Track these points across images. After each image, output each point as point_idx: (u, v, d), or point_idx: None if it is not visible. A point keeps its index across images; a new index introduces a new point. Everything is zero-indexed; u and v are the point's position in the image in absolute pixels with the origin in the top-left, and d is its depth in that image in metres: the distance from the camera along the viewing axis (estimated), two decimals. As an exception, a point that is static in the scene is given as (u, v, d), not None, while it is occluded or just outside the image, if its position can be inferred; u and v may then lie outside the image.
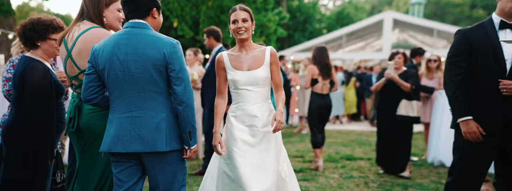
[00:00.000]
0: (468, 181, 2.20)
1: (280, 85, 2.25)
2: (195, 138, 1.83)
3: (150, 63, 1.74)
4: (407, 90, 4.00)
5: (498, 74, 2.10)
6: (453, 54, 2.23)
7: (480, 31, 2.16)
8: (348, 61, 13.97)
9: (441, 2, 32.12)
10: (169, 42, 1.78)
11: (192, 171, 4.37)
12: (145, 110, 1.78)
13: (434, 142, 4.78)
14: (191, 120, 1.79)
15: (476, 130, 2.13)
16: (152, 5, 1.84)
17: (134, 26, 1.81)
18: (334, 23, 23.12)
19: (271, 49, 2.23)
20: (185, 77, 1.78)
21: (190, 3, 11.65)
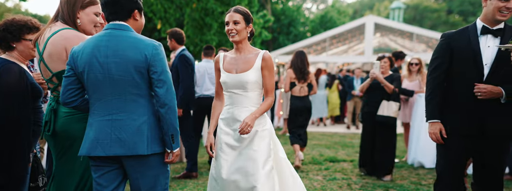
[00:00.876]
0: (448, 181, 2.26)
1: (269, 90, 2.19)
2: (177, 141, 1.81)
3: (131, 65, 1.72)
4: (390, 92, 4.10)
5: (476, 79, 2.15)
6: (435, 57, 2.30)
7: (463, 35, 2.22)
8: (331, 64, 14.16)
9: (420, 7, 33.06)
10: (151, 44, 1.75)
11: (175, 174, 4.33)
12: (126, 113, 1.75)
13: (414, 143, 4.90)
14: (173, 123, 1.76)
15: (438, 132, 2.22)
16: (133, 7, 1.82)
17: (115, 28, 1.78)
18: (317, 27, 23.43)
19: (265, 53, 2.18)
20: (167, 79, 1.75)
21: (174, 5, 11.57)
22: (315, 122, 9.88)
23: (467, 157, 2.27)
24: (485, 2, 2.16)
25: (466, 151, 2.24)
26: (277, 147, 2.28)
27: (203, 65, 4.72)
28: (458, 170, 2.25)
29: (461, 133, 2.21)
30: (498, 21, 2.15)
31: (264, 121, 2.21)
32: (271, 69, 2.18)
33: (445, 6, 33.56)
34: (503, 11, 2.10)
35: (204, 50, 4.85)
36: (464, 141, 2.22)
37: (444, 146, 2.28)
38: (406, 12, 28.89)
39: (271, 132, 2.24)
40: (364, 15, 30.71)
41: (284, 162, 2.27)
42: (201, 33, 11.56)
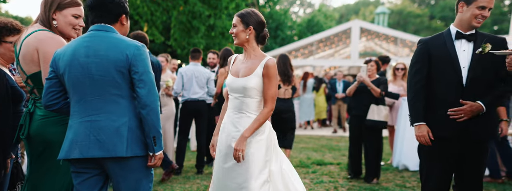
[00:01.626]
0: (433, 185, 2.30)
1: (267, 100, 2.07)
2: (160, 144, 1.76)
3: (112, 65, 1.70)
4: (377, 95, 4.15)
5: (455, 82, 2.21)
6: (415, 62, 2.35)
7: (438, 40, 2.30)
8: (318, 68, 14.29)
9: (404, 13, 33.82)
10: (133, 44, 1.74)
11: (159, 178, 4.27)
12: (105, 114, 1.71)
13: (398, 146, 4.99)
14: (155, 125, 1.72)
15: (426, 134, 2.25)
16: (121, 11, 1.81)
17: (98, 29, 1.77)
18: (305, 30, 23.64)
19: (268, 60, 2.07)
20: (149, 80, 1.72)
21: (161, 8, 11.48)
22: (303, 125, 9.94)
23: (449, 160, 2.31)
24: (461, 8, 2.24)
25: (448, 154, 2.28)
26: (279, 158, 2.16)
27: (190, 69, 4.69)
28: (443, 174, 2.29)
29: (443, 136, 2.25)
30: (473, 27, 2.25)
31: (260, 130, 2.11)
32: (271, 77, 2.06)
33: (427, 11, 34.41)
34: (479, 18, 2.21)
35: (191, 53, 4.82)
36: (446, 144, 2.26)
37: (427, 150, 2.31)
38: (390, 17, 29.48)
39: (268, 142, 2.12)
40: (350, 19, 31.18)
41: (287, 174, 2.13)
42: (188, 36, 11.49)
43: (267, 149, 2.10)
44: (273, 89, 2.07)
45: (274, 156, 2.13)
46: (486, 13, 2.19)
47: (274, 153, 2.15)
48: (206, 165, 5.03)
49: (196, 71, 4.68)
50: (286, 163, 2.18)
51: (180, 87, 4.67)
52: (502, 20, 30.21)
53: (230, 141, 2.10)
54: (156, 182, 4.14)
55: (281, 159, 2.16)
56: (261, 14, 2.14)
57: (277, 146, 2.20)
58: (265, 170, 2.07)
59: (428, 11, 34.55)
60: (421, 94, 2.29)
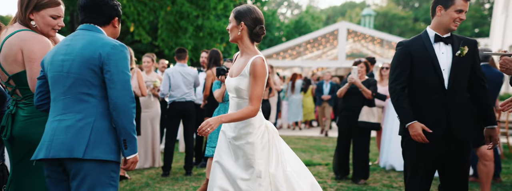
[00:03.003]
0: (417, 186, 2.33)
1: (252, 99, 1.98)
2: (133, 147, 1.68)
3: (85, 63, 1.66)
4: (368, 97, 4.20)
5: (437, 84, 2.25)
6: (397, 65, 2.36)
7: (418, 43, 2.32)
8: (306, 69, 14.38)
9: (389, 15, 34.41)
10: (109, 43, 1.69)
11: (150, 180, 4.22)
12: (72, 113, 1.66)
13: (385, 147, 5.06)
14: (126, 127, 1.65)
15: (421, 131, 2.25)
16: (114, 14, 1.80)
17: (84, 28, 1.76)
18: (292, 32, 23.78)
19: (255, 58, 1.98)
20: (120, 80, 1.66)
21: (148, 8, 11.35)
22: (291, 126, 9.98)
23: (433, 161, 2.34)
24: (439, 12, 2.28)
25: (431, 155, 2.31)
26: (282, 160, 2.05)
27: (177, 69, 4.65)
28: (426, 174, 2.33)
29: (430, 138, 2.27)
30: (451, 30, 2.31)
31: (248, 132, 2.03)
32: (257, 76, 1.97)
33: (412, 14, 35.10)
34: (457, 22, 2.27)
35: (177, 53, 4.75)
36: (430, 145, 2.29)
37: (411, 151, 2.34)
38: (376, 19, 29.93)
39: (256, 145, 2.02)
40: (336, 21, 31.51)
41: (293, 177, 2.04)
42: (176, 36, 11.39)
43: (259, 153, 2.01)
44: (258, 89, 1.98)
45: (274, 159, 2.04)
46: (463, 16, 2.26)
47: (274, 156, 2.05)
48: (195, 166, 5.00)
49: (183, 72, 4.64)
50: (293, 165, 2.10)
51: (167, 88, 4.63)
52: (482, 23, 31.09)
53: (227, 142, 2.08)
54: (144, 183, 4.09)
55: (287, 162, 2.08)
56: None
57: (280, 149, 2.09)
58: (257, 179, 1.99)
59: (412, 14, 35.25)
60: (404, 96, 2.30)
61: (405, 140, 2.38)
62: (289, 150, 2.18)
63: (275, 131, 2.13)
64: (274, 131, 2.12)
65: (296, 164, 2.13)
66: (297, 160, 2.17)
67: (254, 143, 2.02)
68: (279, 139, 2.13)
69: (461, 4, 2.23)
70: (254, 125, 2.04)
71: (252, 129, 2.03)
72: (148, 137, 4.86)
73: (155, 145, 4.95)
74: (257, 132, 2.04)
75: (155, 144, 4.95)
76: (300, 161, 2.19)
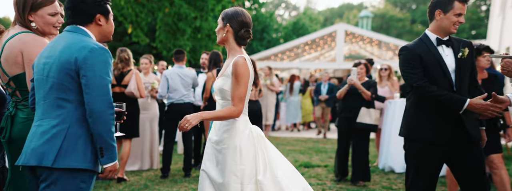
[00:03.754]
0: (418, 187, 2.32)
1: (233, 99, 1.93)
2: (110, 156, 1.61)
3: (63, 67, 1.61)
4: (368, 99, 4.20)
5: (447, 86, 2.25)
6: (411, 67, 2.26)
7: (421, 46, 2.30)
8: (304, 70, 14.41)
9: (386, 17, 34.55)
10: (87, 47, 1.61)
11: (149, 182, 4.19)
12: (48, 119, 1.62)
13: (384, 148, 5.06)
14: (102, 134, 1.58)
15: (487, 102, 2.11)
16: (95, 11, 1.70)
17: (68, 30, 1.72)
18: (290, 33, 23.80)
19: (236, 58, 1.96)
20: (98, 86, 1.58)
21: (146, 9, 11.33)
22: (289, 128, 9.98)
23: (438, 163, 2.33)
24: (438, 16, 2.29)
25: (437, 157, 2.30)
26: (271, 166, 1.98)
27: (175, 71, 4.64)
28: (431, 177, 2.31)
29: (438, 141, 2.26)
30: (451, 33, 2.33)
31: (230, 136, 1.97)
32: (238, 76, 1.93)
33: (409, 16, 35.27)
34: (456, 25, 2.30)
35: (175, 55, 4.73)
36: (437, 148, 2.27)
37: (415, 153, 2.32)
38: (373, 21, 30.03)
39: (238, 150, 1.94)
40: (334, 23, 31.59)
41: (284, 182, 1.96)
42: (174, 38, 11.38)
43: (241, 156, 1.94)
44: (240, 89, 1.92)
45: (261, 164, 1.96)
46: (462, 19, 2.28)
47: (260, 161, 1.97)
48: (194, 168, 4.98)
49: (181, 73, 4.62)
50: (284, 170, 2.02)
51: (165, 90, 4.61)
52: (479, 25, 31.27)
53: (211, 148, 2.04)
54: (143, 185, 4.07)
55: (277, 167, 2.00)
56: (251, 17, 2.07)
57: (268, 154, 2.01)
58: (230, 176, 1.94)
59: (409, 16, 35.42)
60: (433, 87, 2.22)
61: (409, 141, 2.37)
62: (279, 154, 2.09)
63: (261, 135, 2.05)
64: (260, 136, 2.04)
65: (288, 168, 2.05)
66: (288, 164, 2.08)
67: (236, 147, 1.94)
68: (267, 144, 2.05)
69: (460, 7, 2.25)
70: (237, 128, 1.97)
71: (235, 133, 1.97)
72: (147, 139, 4.84)
73: (154, 147, 4.93)
74: (241, 136, 1.97)
75: (154, 146, 4.92)
76: (291, 165, 2.11)
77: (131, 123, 4.27)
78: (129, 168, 4.77)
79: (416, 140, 2.33)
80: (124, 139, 4.31)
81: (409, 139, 2.37)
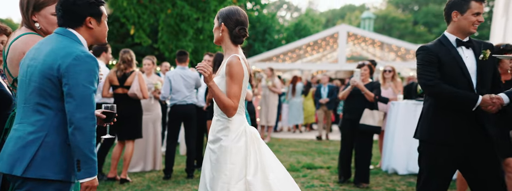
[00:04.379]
0: (433, 189, 2.28)
1: (229, 97, 1.94)
2: (88, 170, 1.51)
3: (45, 73, 1.55)
4: (371, 100, 4.18)
5: (466, 88, 2.21)
6: (428, 64, 2.24)
7: (441, 47, 2.27)
8: (306, 72, 14.39)
9: (388, 18, 34.50)
10: (72, 53, 1.54)
11: (152, 183, 4.19)
12: (25, 124, 1.56)
13: (388, 150, 5.03)
14: (80, 147, 1.49)
15: (494, 100, 2.12)
16: (86, 13, 1.63)
17: (57, 32, 1.65)
18: (292, 34, 23.79)
19: (230, 57, 1.95)
20: (80, 95, 1.51)
21: (148, 11, 11.36)
22: (291, 129, 9.96)
23: (452, 166, 2.28)
24: (455, 17, 2.26)
25: (454, 160, 2.25)
26: (263, 167, 1.96)
27: (177, 72, 4.64)
28: (444, 179, 2.27)
29: (454, 142, 2.22)
30: (471, 34, 2.30)
31: (223, 135, 1.96)
32: (232, 75, 1.92)
33: (411, 17, 35.21)
34: (476, 24, 2.26)
35: (178, 56, 4.74)
36: (453, 149, 2.24)
37: (430, 155, 2.28)
38: (375, 22, 30.00)
39: (228, 149, 1.93)
40: (336, 24, 31.57)
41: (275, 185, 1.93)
42: (177, 39, 11.39)
43: (232, 155, 1.93)
44: (234, 88, 1.92)
45: (252, 165, 1.94)
46: (481, 18, 2.25)
47: (252, 161, 1.95)
48: (196, 169, 4.97)
49: (184, 75, 4.62)
50: (277, 173, 1.99)
51: (168, 91, 4.61)
52: (482, 26, 31.10)
53: (207, 146, 2.04)
54: (146, 186, 4.06)
55: (270, 169, 1.97)
56: (247, 16, 2.04)
57: (261, 155, 1.99)
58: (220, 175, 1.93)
59: (412, 17, 35.36)
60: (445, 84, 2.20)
61: (424, 143, 2.33)
62: (273, 157, 2.06)
63: (256, 136, 2.03)
64: (255, 136, 2.02)
65: (280, 172, 2.02)
66: (282, 168, 2.05)
67: (227, 147, 1.94)
68: (261, 145, 2.03)
69: (477, 6, 2.21)
70: (230, 128, 1.97)
71: (227, 132, 1.97)
72: (150, 140, 4.84)
73: (157, 148, 4.93)
74: (232, 135, 1.96)
75: (157, 147, 4.92)
76: (285, 169, 2.08)
77: (134, 124, 4.28)
78: (132, 169, 4.77)
79: (431, 142, 2.29)
80: (127, 140, 4.31)
81: (424, 141, 2.33)
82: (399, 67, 12.21)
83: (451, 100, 2.22)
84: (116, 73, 4.25)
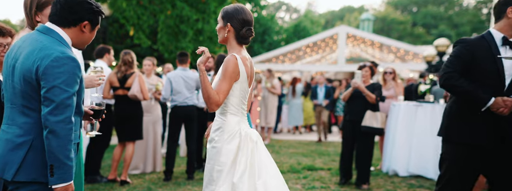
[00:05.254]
0: (455, 188, 2.23)
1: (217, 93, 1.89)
2: (62, 176, 1.48)
3: (25, 75, 1.51)
4: (372, 101, 4.17)
5: (497, 88, 2.14)
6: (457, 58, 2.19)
7: (482, 44, 2.18)
8: (306, 73, 14.40)
9: (387, 19, 34.59)
10: (51, 55, 1.48)
11: (152, 185, 4.17)
12: (15, 126, 1.54)
13: (388, 152, 5.03)
14: (54, 151, 1.46)
15: (503, 102, 2.08)
16: (85, 17, 1.60)
17: (39, 29, 1.60)
18: (291, 35, 23.82)
19: (228, 56, 1.92)
20: (56, 98, 1.47)
21: (148, 12, 11.35)
22: (291, 130, 9.95)
23: (479, 168, 2.23)
24: (511, 13, 2.16)
25: (481, 161, 2.21)
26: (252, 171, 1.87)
27: (178, 74, 4.63)
28: (469, 179, 2.22)
29: (480, 143, 2.17)
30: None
31: (216, 135, 1.93)
32: (223, 72, 1.87)
33: (410, 18, 35.31)
34: None
35: (178, 57, 4.72)
36: (478, 151, 2.19)
37: (458, 156, 2.22)
38: (375, 24, 30.05)
39: (218, 150, 1.90)
40: (335, 25, 31.61)
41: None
42: (176, 40, 11.39)
43: (220, 157, 1.89)
44: (222, 84, 1.86)
45: (241, 168, 1.86)
46: None
47: (241, 164, 1.87)
48: (197, 170, 4.96)
49: (185, 76, 4.61)
50: (267, 178, 1.88)
51: (169, 92, 4.60)
52: (480, 28, 31.31)
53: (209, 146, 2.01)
54: (146, 188, 4.04)
55: (260, 174, 1.87)
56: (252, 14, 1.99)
57: (255, 159, 1.90)
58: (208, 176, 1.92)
59: (410, 18, 35.45)
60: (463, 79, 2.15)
61: (451, 144, 2.26)
62: (269, 162, 1.95)
63: (252, 139, 1.92)
64: (251, 139, 1.92)
65: (272, 177, 1.90)
66: (274, 173, 1.93)
67: (217, 148, 1.91)
68: (257, 148, 1.93)
69: None
70: (223, 129, 1.93)
71: (221, 133, 1.93)
72: (150, 141, 4.82)
73: (157, 149, 4.91)
74: (225, 136, 1.92)
75: (157, 148, 4.91)
76: (279, 175, 1.95)
77: (135, 126, 4.26)
78: (132, 171, 4.75)
79: (463, 143, 2.22)
80: (127, 141, 4.29)
81: (453, 142, 2.26)
82: (399, 68, 12.21)
83: (463, 95, 2.17)
84: (116, 75, 4.24)
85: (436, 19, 34.19)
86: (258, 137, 1.97)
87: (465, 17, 32.42)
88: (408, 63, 13.82)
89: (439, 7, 36.42)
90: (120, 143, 4.37)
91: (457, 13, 34.51)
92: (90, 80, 2.11)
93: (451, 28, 31.70)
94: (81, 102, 1.66)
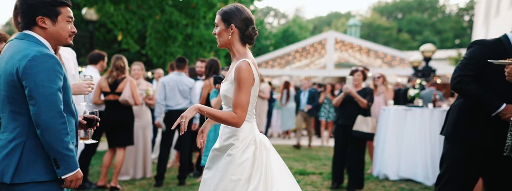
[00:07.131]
0: (454, 188, 2.25)
1: (235, 106, 1.77)
2: (67, 166, 1.54)
3: (8, 80, 1.54)
4: (364, 106, 4.22)
5: (509, 92, 2.14)
6: (471, 58, 2.18)
7: (498, 47, 2.17)
8: (295, 77, 14.50)
9: (373, 25, 35.26)
10: (28, 55, 1.51)
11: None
12: (7, 133, 1.57)
13: (379, 155, 5.09)
14: (53, 146, 1.51)
15: None
16: (37, 12, 1.59)
17: (18, 37, 1.63)
18: (280, 41, 23.98)
19: (239, 62, 1.78)
20: (41, 96, 1.50)
21: (136, 17, 11.27)
22: (281, 135, 9.97)
23: (480, 170, 2.23)
24: None
25: (482, 162, 2.21)
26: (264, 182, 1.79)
27: (173, 79, 4.60)
28: (469, 180, 2.22)
29: (490, 147, 2.16)
30: None
31: (230, 144, 1.84)
32: (240, 81, 1.75)
33: (395, 25, 36.07)
34: None
35: (176, 62, 4.69)
36: (485, 154, 2.19)
37: (461, 157, 2.21)
38: (361, 29, 30.57)
39: (234, 159, 1.81)
40: (322, 31, 32.00)
41: None
42: (165, 45, 11.32)
43: (236, 166, 1.81)
44: (242, 96, 1.75)
45: (257, 178, 1.79)
46: None
47: (257, 174, 1.81)
48: (188, 176, 4.91)
49: (179, 81, 4.59)
50: (282, 185, 1.82)
51: (163, 96, 4.56)
52: (463, 34, 32.19)
53: (213, 154, 1.94)
54: (137, 196, 3.98)
55: (274, 184, 1.80)
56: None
57: (269, 168, 1.83)
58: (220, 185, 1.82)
59: (396, 24, 36.21)
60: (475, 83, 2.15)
61: (456, 144, 2.25)
62: (280, 168, 1.89)
63: (266, 147, 1.86)
64: (264, 147, 1.85)
65: (285, 185, 1.84)
66: (290, 182, 1.87)
67: (233, 155, 1.82)
68: (270, 155, 1.86)
69: None
70: (238, 137, 1.84)
71: (234, 141, 1.84)
72: (140, 147, 4.76)
73: (147, 154, 4.85)
74: (240, 145, 1.83)
75: (147, 153, 4.85)
76: (292, 180, 1.90)
77: (126, 131, 4.20)
78: (122, 177, 4.67)
79: (468, 144, 2.21)
80: (118, 147, 4.23)
81: (452, 141, 2.26)
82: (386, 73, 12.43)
83: (476, 100, 2.17)
84: (107, 80, 4.18)
85: (421, 26, 34.99)
86: (270, 143, 1.93)
87: (448, 24, 33.28)
88: (395, 68, 14.08)
89: (423, 14, 37.31)
90: (110, 149, 4.29)
91: (440, 19, 35.40)
92: (78, 86, 2.07)
93: (435, 34, 32.50)
94: (70, 101, 1.65)
